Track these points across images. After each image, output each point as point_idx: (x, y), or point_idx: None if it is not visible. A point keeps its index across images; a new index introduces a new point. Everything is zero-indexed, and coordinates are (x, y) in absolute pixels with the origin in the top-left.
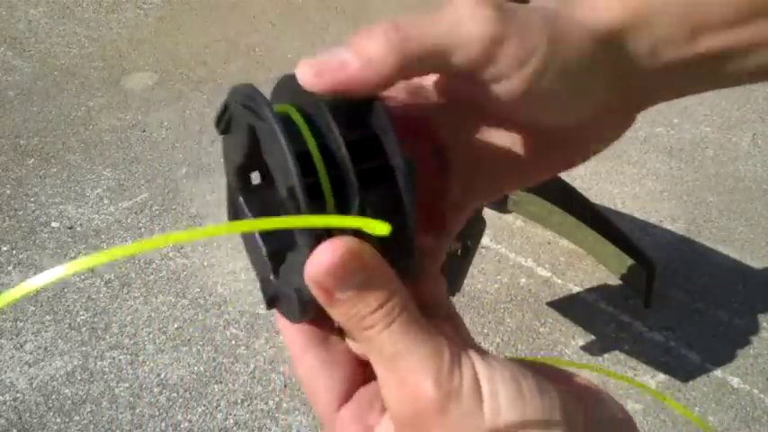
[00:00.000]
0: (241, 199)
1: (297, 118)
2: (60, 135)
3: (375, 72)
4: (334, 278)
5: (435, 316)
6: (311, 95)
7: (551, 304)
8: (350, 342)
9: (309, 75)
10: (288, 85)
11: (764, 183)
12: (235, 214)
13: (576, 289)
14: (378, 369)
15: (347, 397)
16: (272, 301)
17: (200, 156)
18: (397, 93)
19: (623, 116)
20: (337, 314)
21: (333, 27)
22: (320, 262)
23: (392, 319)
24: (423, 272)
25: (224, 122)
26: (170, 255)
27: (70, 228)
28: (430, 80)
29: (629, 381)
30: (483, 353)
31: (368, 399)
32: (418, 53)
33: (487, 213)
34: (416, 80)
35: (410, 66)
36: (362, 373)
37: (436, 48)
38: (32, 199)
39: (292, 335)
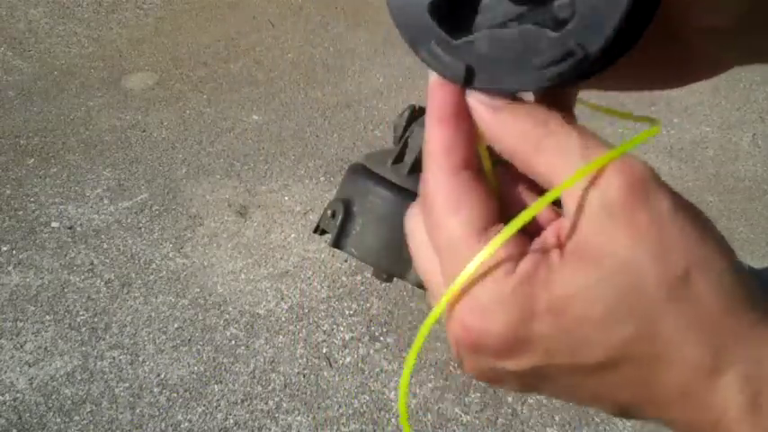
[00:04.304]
0: (441, 51)
1: None
2: (60, 135)
3: None
4: None
5: None
6: None
7: None
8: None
9: None
10: None
11: (764, 183)
12: (467, 71)
13: None
14: (567, 169)
15: (484, 229)
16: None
17: (200, 156)
18: None
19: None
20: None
21: (333, 27)
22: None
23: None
24: None
25: None
26: (170, 255)
27: (70, 228)
28: None
29: None
30: None
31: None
32: None
33: None
34: None
35: None
36: (498, 215)
37: None
38: (32, 199)
39: (443, 150)
